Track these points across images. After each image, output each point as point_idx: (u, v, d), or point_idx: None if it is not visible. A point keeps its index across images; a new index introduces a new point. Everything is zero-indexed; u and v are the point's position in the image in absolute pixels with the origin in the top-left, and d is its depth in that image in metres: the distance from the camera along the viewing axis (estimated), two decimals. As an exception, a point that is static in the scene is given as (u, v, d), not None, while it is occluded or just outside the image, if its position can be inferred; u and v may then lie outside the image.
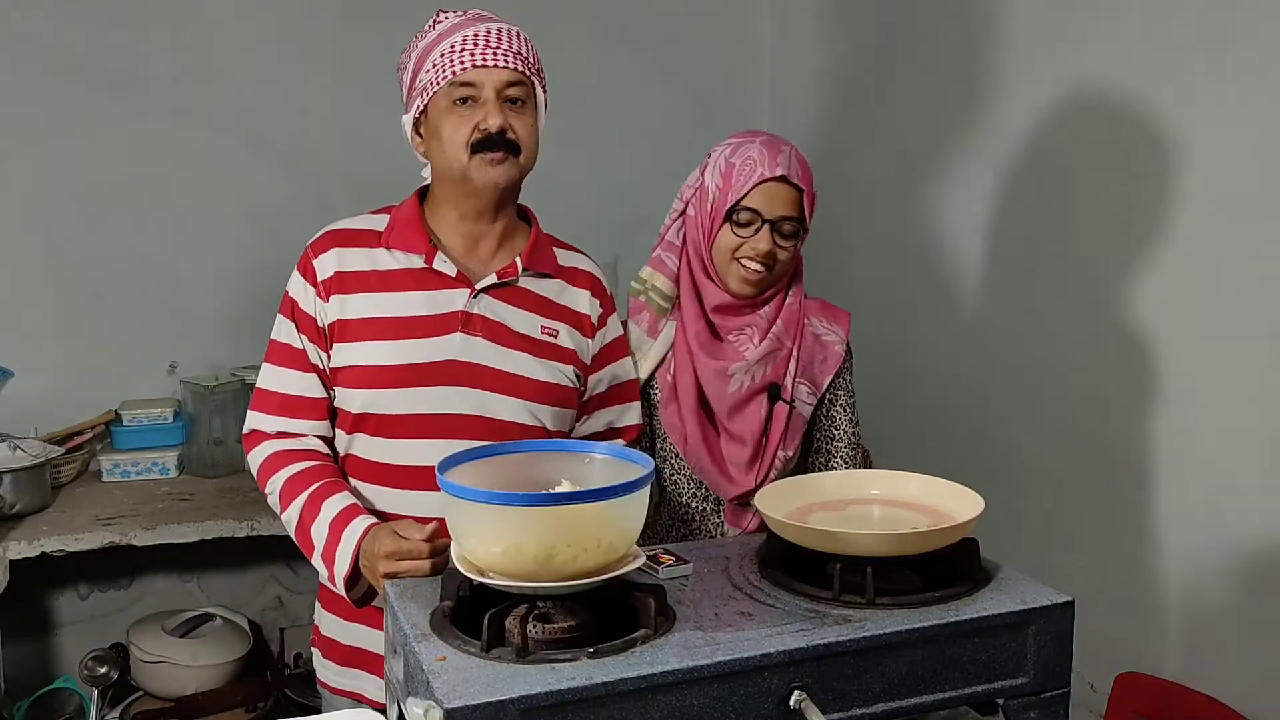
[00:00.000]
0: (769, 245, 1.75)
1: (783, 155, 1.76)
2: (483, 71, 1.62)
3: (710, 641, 1.24)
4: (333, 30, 3.00)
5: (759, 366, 1.81)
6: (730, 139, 1.81)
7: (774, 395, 1.82)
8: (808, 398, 1.86)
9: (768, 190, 1.75)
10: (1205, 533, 2.09)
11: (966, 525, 1.41)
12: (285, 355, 1.70)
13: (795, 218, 1.77)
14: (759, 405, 1.82)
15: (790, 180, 1.75)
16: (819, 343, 1.88)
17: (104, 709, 2.61)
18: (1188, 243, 2.09)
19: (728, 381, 1.81)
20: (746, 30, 3.42)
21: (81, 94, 2.82)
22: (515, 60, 1.63)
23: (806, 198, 1.77)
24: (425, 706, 1.10)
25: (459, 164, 1.63)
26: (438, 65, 1.63)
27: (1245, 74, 1.97)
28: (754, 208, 1.75)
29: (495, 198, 1.68)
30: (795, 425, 1.85)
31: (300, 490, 1.64)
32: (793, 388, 1.84)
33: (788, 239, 1.77)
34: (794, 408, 1.84)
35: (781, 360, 1.83)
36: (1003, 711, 1.34)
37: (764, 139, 1.79)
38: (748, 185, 1.74)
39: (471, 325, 1.66)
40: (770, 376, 1.82)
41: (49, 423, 2.80)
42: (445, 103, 1.63)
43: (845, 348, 1.90)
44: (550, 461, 1.41)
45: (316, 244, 1.70)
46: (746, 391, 1.81)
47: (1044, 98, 2.41)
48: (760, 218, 1.75)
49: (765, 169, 1.74)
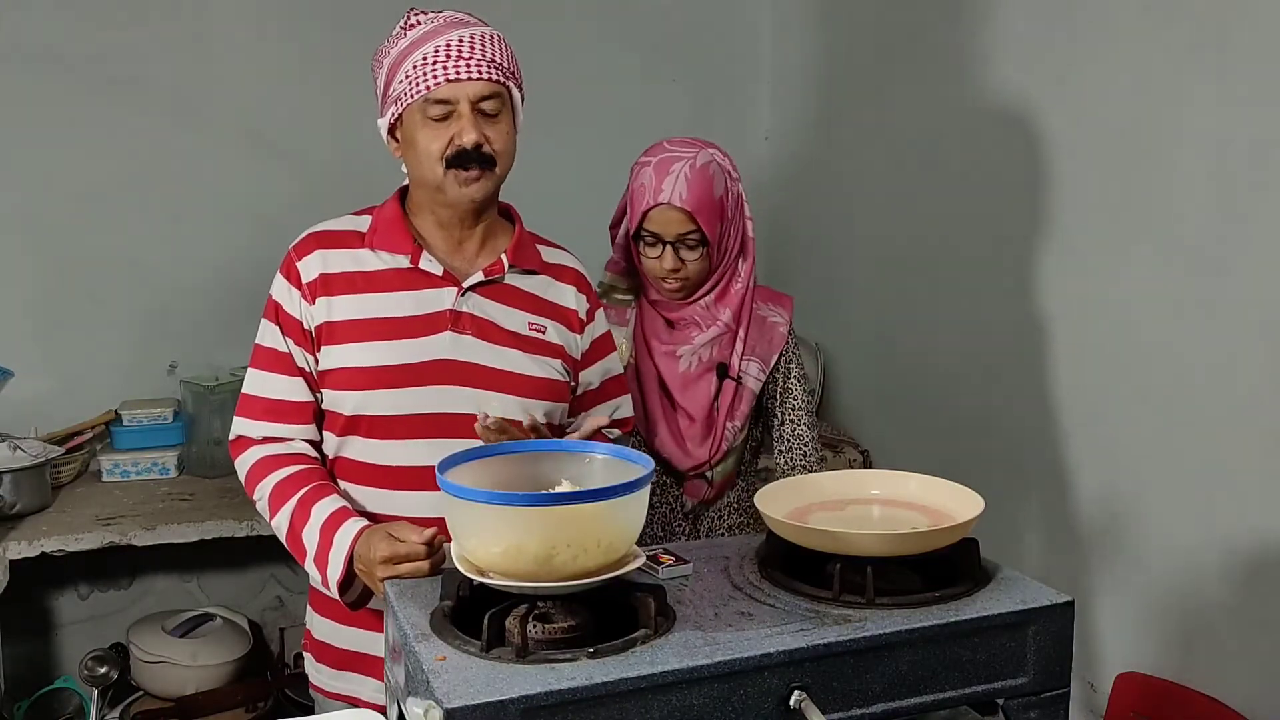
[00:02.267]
0: (673, 263, 1.90)
1: (669, 178, 1.86)
2: (456, 86, 1.60)
3: (710, 641, 1.24)
4: (333, 30, 3.00)
5: (706, 348, 1.98)
6: (646, 152, 1.94)
7: (722, 373, 1.99)
8: (758, 374, 2.01)
9: (657, 215, 1.88)
10: (1205, 533, 2.09)
11: (966, 525, 1.41)
12: (270, 359, 1.69)
13: (693, 233, 1.88)
14: (708, 382, 1.99)
15: (674, 205, 1.86)
16: (766, 324, 2.03)
17: (104, 709, 2.62)
18: (1187, 242, 2.09)
19: (678, 362, 1.98)
20: (746, 30, 3.42)
21: (81, 94, 2.82)
22: (490, 69, 1.61)
23: (700, 215, 1.86)
24: (425, 706, 1.10)
25: (434, 177, 1.63)
26: (411, 77, 1.61)
27: (1244, 73, 1.97)
28: (653, 230, 1.90)
29: (473, 210, 1.68)
30: (742, 398, 2.00)
31: (289, 495, 1.64)
32: (739, 365, 1.99)
33: (694, 249, 1.90)
34: (741, 383, 1.99)
35: (727, 341, 1.99)
36: (1003, 711, 1.34)
37: (659, 160, 1.90)
38: (639, 212, 1.89)
39: (461, 323, 1.66)
40: (718, 356, 1.99)
41: (49, 423, 2.80)
42: (419, 116, 1.62)
43: (789, 327, 2.06)
44: (550, 461, 1.41)
45: (299, 246, 1.70)
46: (696, 370, 1.98)
47: (1043, 97, 2.40)
48: (660, 239, 1.89)
49: (650, 197, 1.87)
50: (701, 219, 1.86)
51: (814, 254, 3.31)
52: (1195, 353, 2.09)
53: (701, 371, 1.98)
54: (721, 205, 1.90)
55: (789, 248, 3.33)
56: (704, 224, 1.87)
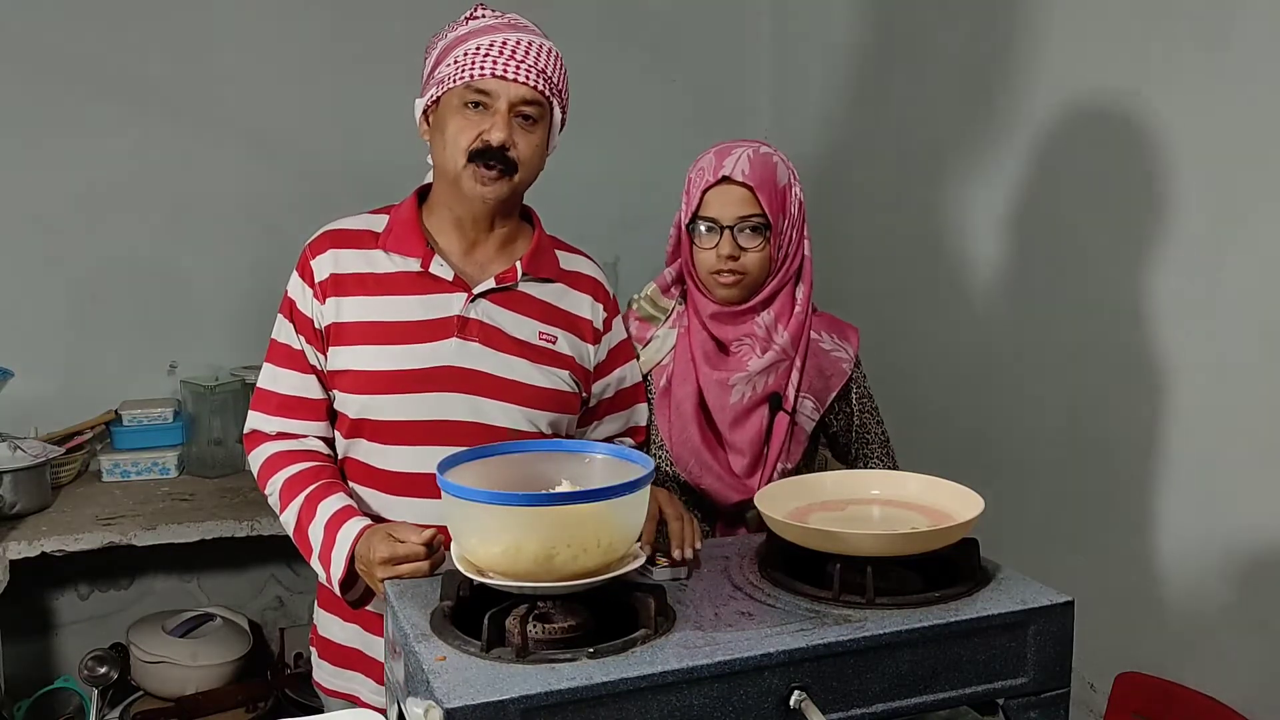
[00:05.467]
0: (732, 248, 1.74)
1: (731, 157, 1.74)
2: (500, 83, 1.59)
3: (710, 641, 1.24)
4: (333, 30, 3.00)
5: (761, 377, 1.80)
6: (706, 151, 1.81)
7: (775, 405, 1.81)
8: (811, 413, 1.84)
9: (717, 195, 1.74)
10: (1205, 532, 2.09)
11: (966, 525, 1.41)
12: (284, 356, 1.70)
13: (755, 215, 1.74)
14: (760, 416, 1.80)
15: (735, 180, 1.73)
16: (827, 358, 1.86)
17: (104, 709, 2.62)
18: (1187, 242, 2.09)
19: (729, 392, 1.79)
20: (746, 30, 3.42)
21: (81, 94, 2.82)
22: (537, 78, 1.60)
23: (763, 193, 1.73)
24: (425, 706, 1.10)
25: (454, 167, 1.62)
26: (459, 63, 1.60)
27: (1244, 73, 1.97)
28: (710, 216, 1.75)
29: (486, 211, 1.67)
30: (797, 438, 1.83)
31: (298, 491, 1.64)
32: (795, 399, 1.81)
33: (755, 236, 1.75)
34: (795, 420, 1.82)
35: (784, 371, 1.81)
36: (1003, 711, 1.34)
37: (720, 147, 1.78)
38: (698, 195, 1.76)
39: (467, 330, 1.65)
40: (772, 387, 1.81)
41: (49, 423, 2.80)
42: (457, 102, 1.61)
43: (854, 362, 1.89)
44: (550, 461, 1.41)
45: (314, 244, 1.70)
46: (748, 402, 1.80)
47: (1043, 97, 2.40)
48: (718, 224, 1.75)
49: (710, 175, 1.74)
50: (764, 197, 1.73)
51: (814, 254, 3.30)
52: (1195, 352, 2.09)
53: (755, 404, 1.79)
54: (785, 195, 1.77)
55: (789, 248, 3.33)
56: (766, 204, 1.73)
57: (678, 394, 1.81)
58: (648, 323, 1.87)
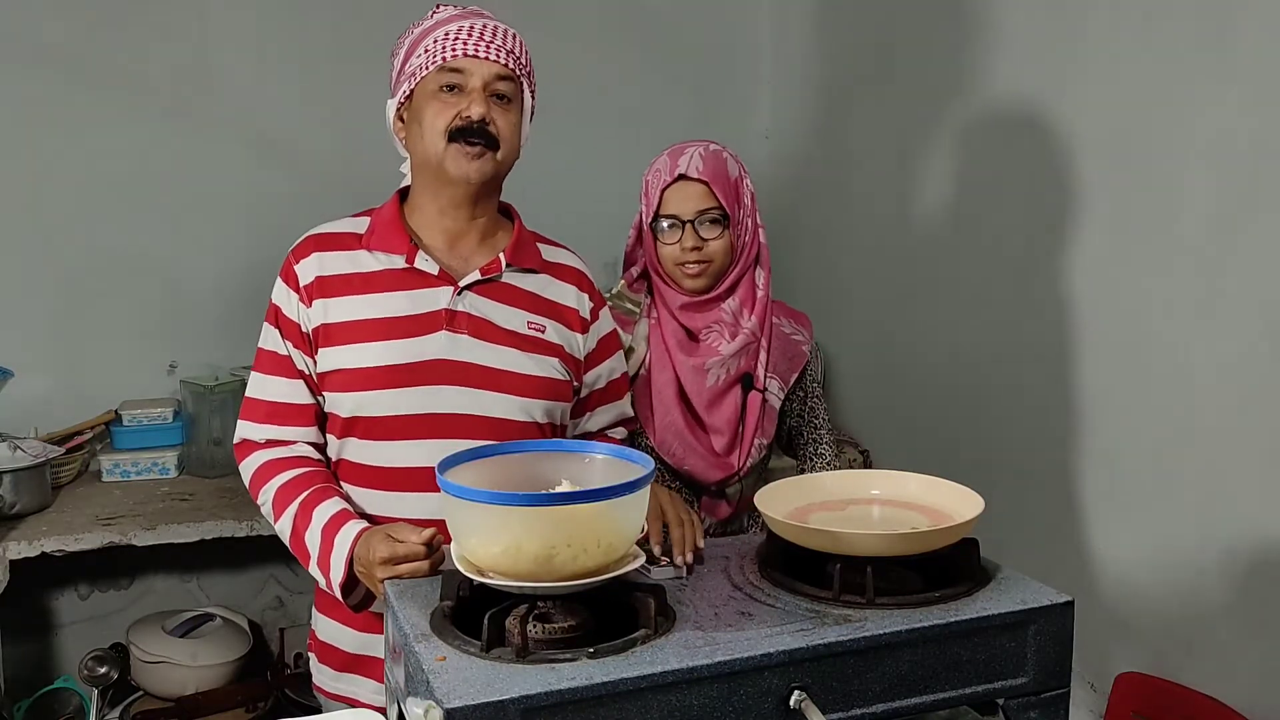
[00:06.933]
0: (694, 241, 1.86)
1: (684, 156, 1.87)
2: (473, 61, 1.62)
3: (710, 641, 1.24)
4: (332, 30, 3.00)
5: (734, 360, 1.92)
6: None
7: (747, 385, 1.94)
8: (778, 391, 1.98)
9: (675, 192, 1.87)
10: (1205, 532, 2.09)
11: (966, 525, 1.41)
12: (271, 363, 1.70)
13: (713, 208, 1.87)
14: (734, 396, 1.93)
15: (691, 176, 1.85)
16: (788, 341, 2.00)
17: (104, 709, 2.62)
18: (1187, 242, 2.09)
19: (705, 376, 1.91)
20: (746, 30, 3.42)
21: (81, 93, 2.83)
22: (507, 57, 1.64)
23: (717, 186, 1.86)
24: (425, 706, 1.10)
25: (435, 151, 1.63)
26: (429, 50, 1.63)
27: (1243, 72, 1.97)
28: (671, 213, 1.88)
29: (470, 191, 1.67)
30: (769, 414, 1.96)
31: (292, 498, 1.64)
32: (764, 378, 1.95)
33: (714, 227, 1.87)
34: (766, 397, 1.95)
35: (753, 352, 1.94)
36: (1003, 711, 1.34)
37: (673, 149, 1.90)
38: (657, 195, 1.88)
39: (456, 323, 1.66)
40: (744, 368, 1.94)
41: (49, 423, 2.80)
42: (432, 88, 1.63)
43: (811, 347, 2.04)
44: (550, 461, 1.41)
45: (298, 249, 1.70)
46: (723, 384, 1.92)
47: (1041, 96, 2.40)
48: (680, 220, 1.87)
49: (667, 175, 1.87)
50: (719, 190, 1.85)
51: (814, 254, 3.31)
52: (1196, 352, 2.09)
53: (729, 384, 1.92)
54: (737, 187, 1.90)
55: (789, 248, 3.32)
56: (722, 197, 1.86)
57: (658, 381, 1.92)
58: (628, 319, 1.96)
